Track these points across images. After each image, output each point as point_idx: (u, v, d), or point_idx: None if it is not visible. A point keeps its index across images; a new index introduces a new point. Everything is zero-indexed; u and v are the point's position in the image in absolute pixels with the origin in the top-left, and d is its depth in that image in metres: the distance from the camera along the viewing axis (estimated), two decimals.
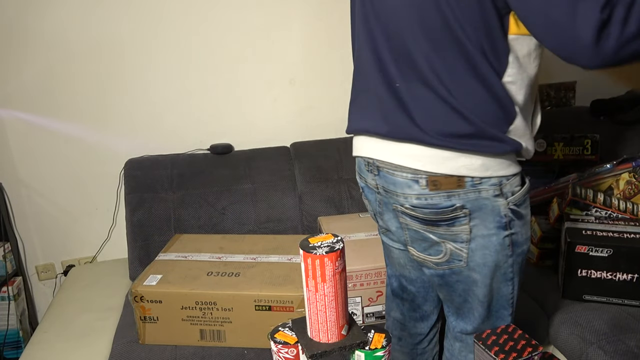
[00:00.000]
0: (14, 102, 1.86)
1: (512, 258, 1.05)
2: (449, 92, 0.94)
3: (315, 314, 0.76)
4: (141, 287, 1.42)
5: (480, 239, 1.02)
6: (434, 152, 0.97)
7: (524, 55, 0.93)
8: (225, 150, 1.97)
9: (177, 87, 1.96)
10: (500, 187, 0.99)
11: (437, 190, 0.98)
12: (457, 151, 0.96)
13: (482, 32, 0.90)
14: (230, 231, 1.85)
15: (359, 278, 1.47)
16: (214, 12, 1.91)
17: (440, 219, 1.01)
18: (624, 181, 1.74)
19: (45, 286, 2.08)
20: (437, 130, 0.96)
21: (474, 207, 0.99)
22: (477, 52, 0.91)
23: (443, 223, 1.01)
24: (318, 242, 0.75)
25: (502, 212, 1.00)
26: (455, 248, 1.04)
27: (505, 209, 1.00)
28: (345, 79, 2.09)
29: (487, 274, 1.05)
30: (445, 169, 0.97)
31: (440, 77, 0.94)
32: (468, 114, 0.94)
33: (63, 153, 1.94)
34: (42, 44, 1.82)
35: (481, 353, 0.85)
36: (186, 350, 1.43)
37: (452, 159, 0.97)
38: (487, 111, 0.94)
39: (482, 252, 1.03)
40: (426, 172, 0.98)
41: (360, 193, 1.93)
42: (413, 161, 0.99)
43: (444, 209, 1.00)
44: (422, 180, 0.99)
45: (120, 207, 2.01)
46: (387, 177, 1.04)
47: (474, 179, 0.97)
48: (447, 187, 0.98)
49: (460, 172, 0.97)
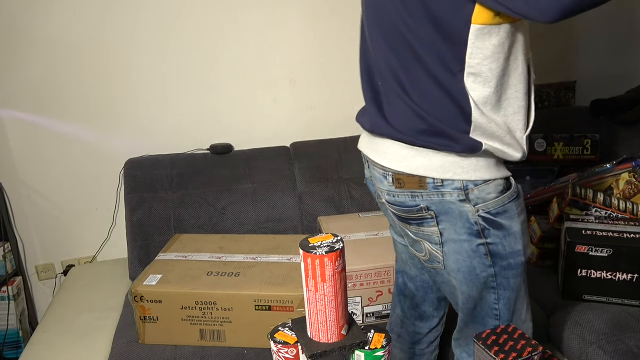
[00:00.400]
0: (14, 102, 1.86)
1: (494, 269, 1.01)
2: (403, 89, 0.96)
3: (315, 314, 0.76)
4: (141, 287, 1.42)
5: (452, 244, 1.01)
6: (398, 151, 0.99)
7: (494, 46, 0.89)
8: (225, 150, 1.97)
9: (177, 87, 1.96)
10: (465, 192, 0.95)
11: (402, 188, 1.00)
12: (417, 149, 0.96)
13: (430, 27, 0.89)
14: (230, 231, 1.85)
15: (359, 278, 1.47)
16: (214, 12, 1.91)
17: (409, 217, 1.02)
18: (624, 181, 1.74)
19: (45, 286, 2.08)
20: (400, 125, 0.98)
21: (439, 210, 0.98)
22: (425, 49, 0.91)
23: (413, 222, 1.03)
24: (318, 242, 0.75)
25: (471, 219, 0.97)
26: (432, 249, 1.04)
27: (474, 216, 0.97)
28: (345, 79, 2.09)
29: (462, 280, 1.03)
30: (405, 167, 0.98)
31: (397, 75, 0.96)
32: (420, 111, 0.94)
33: (63, 153, 1.94)
34: (42, 44, 1.82)
35: (481, 353, 0.85)
36: (186, 350, 1.43)
37: (411, 158, 0.97)
38: (440, 108, 0.94)
39: (455, 257, 1.02)
40: (391, 170, 1.00)
41: (360, 193, 1.93)
42: (382, 158, 1.01)
43: (410, 207, 1.01)
44: (389, 177, 1.01)
45: (120, 207, 2.01)
46: (371, 170, 1.07)
47: (435, 181, 0.96)
48: (410, 186, 0.99)
49: (419, 172, 0.97)
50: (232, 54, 1.97)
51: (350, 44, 2.05)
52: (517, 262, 1.02)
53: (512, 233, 0.99)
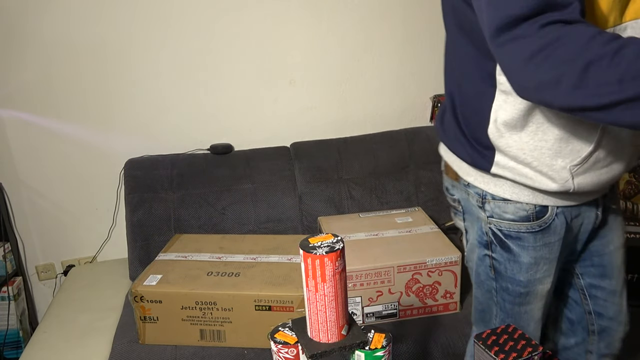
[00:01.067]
0: (14, 102, 1.86)
1: (497, 284, 0.98)
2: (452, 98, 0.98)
3: (315, 314, 0.76)
4: (141, 287, 1.42)
5: (470, 243, 1.01)
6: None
7: None
8: (225, 150, 1.97)
9: (177, 87, 1.96)
10: (482, 199, 0.94)
11: (447, 175, 1.03)
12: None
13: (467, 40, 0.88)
14: (230, 231, 1.85)
15: (359, 278, 1.47)
16: (214, 12, 1.91)
17: (450, 205, 1.06)
18: (623, 181, 1.73)
19: (45, 286, 2.08)
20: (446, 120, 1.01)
21: (465, 207, 0.99)
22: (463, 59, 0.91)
23: (452, 210, 1.06)
24: (318, 242, 0.75)
25: (483, 227, 0.96)
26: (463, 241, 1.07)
27: (485, 226, 0.95)
28: (345, 79, 2.09)
29: (474, 280, 1.04)
30: (447, 158, 1.01)
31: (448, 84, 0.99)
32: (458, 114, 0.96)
33: (63, 153, 1.94)
34: (42, 44, 1.82)
35: (481, 353, 0.85)
36: (186, 350, 1.43)
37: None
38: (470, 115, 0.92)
39: (470, 256, 1.02)
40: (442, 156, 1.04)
41: (360, 193, 1.93)
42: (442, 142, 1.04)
43: (449, 195, 1.04)
44: (443, 162, 1.05)
45: (120, 207, 2.01)
46: None
47: (463, 178, 0.98)
48: (450, 175, 1.02)
49: (453, 166, 0.99)
50: (232, 54, 1.97)
51: (350, 44, 2.05)
52: (515, 291, 0.96)
53: (519, 261, 0.93)
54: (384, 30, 2.07)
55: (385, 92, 2.15)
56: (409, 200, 1.96)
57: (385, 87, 2.14)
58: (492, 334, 0.87)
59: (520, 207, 0.90)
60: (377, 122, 2.17)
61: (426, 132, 2.05)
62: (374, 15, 2.04)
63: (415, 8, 2.07)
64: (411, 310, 1.51)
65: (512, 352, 0.83)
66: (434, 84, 2.19)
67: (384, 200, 1.94)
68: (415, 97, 2.19)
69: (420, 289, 1.49)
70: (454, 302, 1.52)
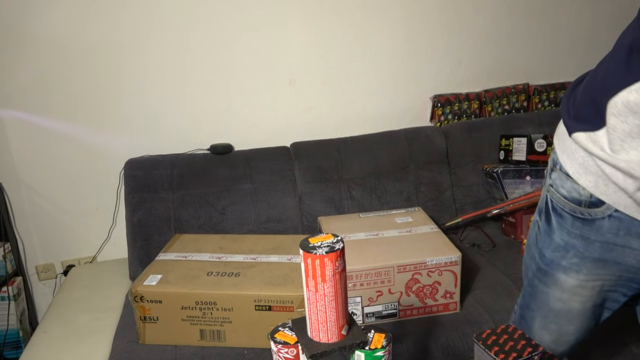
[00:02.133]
0: (14, 102, 1.86)
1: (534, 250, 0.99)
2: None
3: (315, 314, 0.76)
4: (141, 287, 1.42)
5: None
6: None
7: None
8: (225, 150, 1.97)
9: (177, 87, 1.96)
10: (553, 165, 0.92)
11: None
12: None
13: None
14: (230, 231, 1.85)
15: (359, 278, 1.47)
16: (214, 12, 1.91)
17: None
18: None
19: (45, 286, 2.08)
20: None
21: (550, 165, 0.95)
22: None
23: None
24: (318, 242, 0.75)
25: (544, 193, 0.95)
26: None
27: (545, 192, 0.94)
28: (345, 79, 2.09)
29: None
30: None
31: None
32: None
33: (63, 153, 1.94)
34: (42, 45, 1.82)
35: (481, 353, 0.85)
36: (186, 350, 1.43)
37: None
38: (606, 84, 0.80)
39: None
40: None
41: (360, 193, 1.93)
42: None
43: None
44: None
45: (120, 207, 2.01)
46: None
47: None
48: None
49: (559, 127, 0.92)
50: (232, 54, 1.97)
51: (350, 44, 2.05)
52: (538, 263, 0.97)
53: (551, 237, 0.93)
54: (384, 30, 2.07)
55: (385, 92, 2.15)
56: (409, 200, 1.96)
57: (385, 87, 2.14)
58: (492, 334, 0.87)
59: (575, 188, 0.86)
60: (377, 122, 2.17)
61: (426, 132, 2.05)
62: (374, 15, 2.04)
63: (415, 8, 2.07)
64: (411, 310, 1.51)
65: (512, 352, 0.83)
66: (434, 84, 2.19)
67: (384, 200, 1.94)
68: (415, 97, 2.19)
69: (420, 289, 1.49)
70: (454, 302, 1.52)
